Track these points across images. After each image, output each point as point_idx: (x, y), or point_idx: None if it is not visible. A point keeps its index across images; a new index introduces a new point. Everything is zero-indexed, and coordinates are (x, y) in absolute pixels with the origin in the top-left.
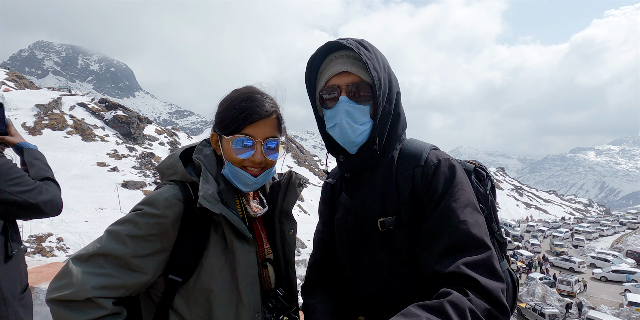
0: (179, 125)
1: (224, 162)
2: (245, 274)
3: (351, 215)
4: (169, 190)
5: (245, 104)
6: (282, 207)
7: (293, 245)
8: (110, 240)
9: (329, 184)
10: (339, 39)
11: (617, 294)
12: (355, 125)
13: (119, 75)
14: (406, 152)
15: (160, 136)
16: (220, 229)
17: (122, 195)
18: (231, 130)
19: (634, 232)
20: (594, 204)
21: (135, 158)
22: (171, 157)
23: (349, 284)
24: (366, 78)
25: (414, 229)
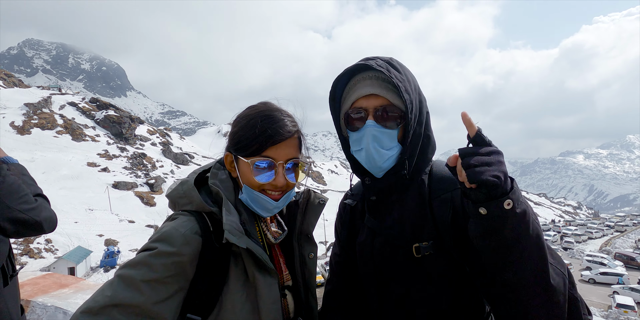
0: (172, 125)
1: (241, 186)
2: (268, 309)
3: (378, 239)
4: (185, 224)
5: (266, 124)
6: (301, 229)
7: (314, 270)
8: (123, 288)
9: (349, 206)
10: (367, 59)
11: (605, 296)
12: (383, 150)
13: (110, 75)
14: (439, 175)
15: (153, 136)
16: (240, 261)
17: (112, 196)
18: (250, 151)
19: (622, 234)
20: (583, 206)
21: (126, 158)
22: (184, 184)
23: (375, 313)
24: (395, 101)
25: (452, 255)
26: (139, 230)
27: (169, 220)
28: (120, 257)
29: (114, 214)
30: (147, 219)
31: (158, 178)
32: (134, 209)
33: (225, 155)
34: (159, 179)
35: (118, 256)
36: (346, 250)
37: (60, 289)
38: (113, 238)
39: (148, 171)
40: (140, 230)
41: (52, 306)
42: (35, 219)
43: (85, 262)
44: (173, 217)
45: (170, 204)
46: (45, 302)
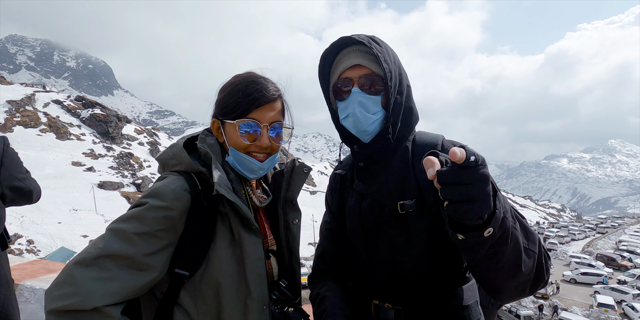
0: (160, 125)
1: (227, 151)
2: (253, 266)
3: (366, 201)
4: (175, 181)
5: (251, 88)
6: (286, 196)
7: (298, 236)
8: (115, 240)
9: (339, 175)
10: (352, 34)
11: (587, 295)
12: (368, 114)
13: (97, 73)
14: (421, 141)
15: (140, 136)
16: (227, 220)
17: (98, 196)
18: (236, 114)
19: (603, 236)
20: (567, 209)
21: (112, 158)
22: (173, 146)
23: (363, 270)
24: (377, 71)
25: (433, 211)
26: None
27: (159, 180)
28: None
29: (99, 214)
30: None
31: (145, 178)
32: (120, 209)
33: (212, 121)
34: (146, 179)
35: None
36: (336, 217)
37: (49, 273)
38: None
39: (135, 171)
40: None
41: (40, 289)
42: (29, 188)
43: None
44: (162, 177)
45: (159, 166)
46: (33, 286)
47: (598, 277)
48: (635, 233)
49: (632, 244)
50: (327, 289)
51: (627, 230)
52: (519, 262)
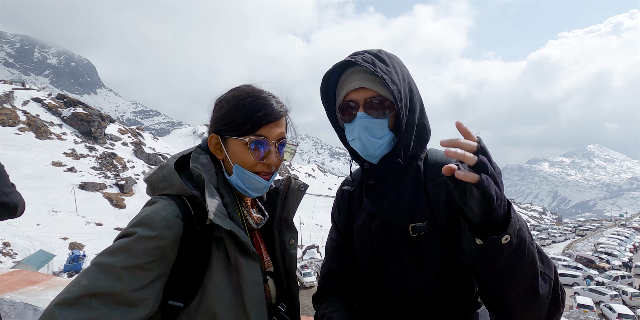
0: (145, 125)
1: (224, 169)
2: (252, 292)
3: (376, 221)
4: (166, 208)
5: (259, 103)
6: (282, 216)
7: (295, 256)
8: (101, 275)
9: (347, 192)
10: (354, 54)
11: (567, 297)
12: (374, 139)
13: (79, 71)
14: (433, 160)
15: (124, 136)
16: (222, 245)
17: (79, 198)
18: (244, 130)
19: (583, 238)
20: (548, 212)
21: (95, 158)
22: (163, 167)
23: (372, 292)
24: (383, 92)
25: (446, 235)
26: (107, 233)
27: (148, 205)
28: (85, 262)
29: (80, 216)
30: (116, 221)
31: (129, 179)
32: (102, 211)
33: (209, 137)
34: (129, 180)
35: (84, 260)
36: (343, 235)
37: (30, 285)
38: (79, 241)
39: (118, 172)
40: (108, 233)
41: (20, 303)
42: (14, 202)
43: (48, 266)
44: (152, 201)
45: (148, 189)
46: (13, 299)
47: (574, 278)
48: (613, 235)
49: (609, 246)
50: (334, 310)
51: (604, 232)
52: (535, 284)
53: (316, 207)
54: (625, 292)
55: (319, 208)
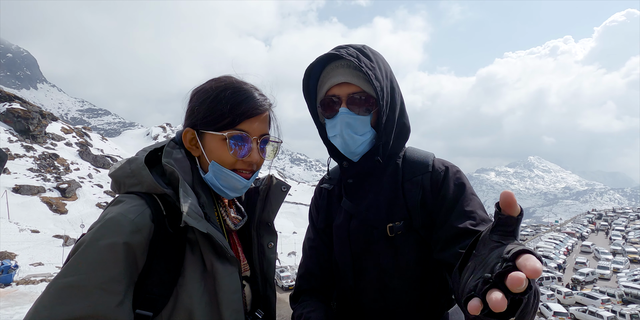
0: (92, 124)
1: (200, 166)
2: (229, 300)
3: (354, 220)
4: (134, 208)
5: (240, 95)
6: (261, 217)
7: (273, 261)
8: (68, 299)
9: (325, 190)
10: (339, 48)
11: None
12: (356, 136)
13: (17, 63)
14: (411, 160)
15: (68, 136)
16: (197, 249)
17: (12, 202)
18: (223, 125)
19: (524, 242)
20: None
21: (33, 159)
22: (132, 162)
23: (350, 292)
24: (367, 88)
25: (422, 234)
26: (44, 241)
27: (113, 204)
28: (18, 273)
29: (12, 222)
30: (56, 228)
31: (72, 182)
32: (40, 216)
33: (184, 131)
34: (72, 183)
35: (15, 271)
36: (320, 235)
37: None
38: (10, 250)
39: (60, 174)
40: (45, 241)
41: None
42: None
43: None
44: (118, 200)
45: (113, 184)
46: None
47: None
48: (549, 240)
49: (546, 249)
50: (311, 310)
51: (542, 237)
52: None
53: None
54: (560, 292)
55: (279, 214)
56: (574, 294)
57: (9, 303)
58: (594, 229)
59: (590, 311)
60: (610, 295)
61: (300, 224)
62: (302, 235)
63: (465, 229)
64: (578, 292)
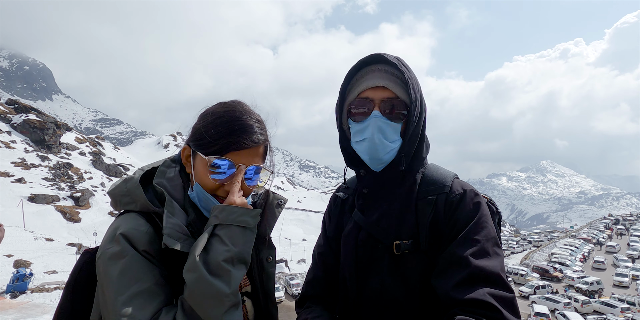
0: (105, 134)
1: (192, 183)
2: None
3: (362, 232)
4: (141, 225)
5: (235, 125)
6: (259, 232)
7: (273, 275)
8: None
9: (340, 198)
10: (382, 53)
11: (525, 306)
12: (386, 142)
13: (34, 75)
14: (430, 177)
15: (82, 145)
16: None
17: (28, 211)
18: (211, 151)
19: (538, 249)
20: (506, 224)
21: (48, 168)
22: (128, 181)
23: (352, 304)
24: (402, 96)
25: (429, 256)
26: (59, 249)
27: (121, 220)
28: (32, 281)
29: (28, 231)
30: (70, 236)
31: (85, 191)
32: (54, 225)
33: (183, 147)
34: (86, 192)
35: (30, 279)
36: (330, 242)
37: None
38: (25, 258)
39: (74, 183)
40: (59, 249)
41: None
42: None
43: None
44: (125, 217)
45: (112, 202)
46: None
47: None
48: (565, 246)
49: (562, 256)
50: (316, 316)
51: (557, 243)
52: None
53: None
54: (577, 300)
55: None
56: (592, 302)
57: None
58: (610, 234)
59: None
60: (630, 304)
61: (309, 231)
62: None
63: (463, 258)
64: (596, 300)
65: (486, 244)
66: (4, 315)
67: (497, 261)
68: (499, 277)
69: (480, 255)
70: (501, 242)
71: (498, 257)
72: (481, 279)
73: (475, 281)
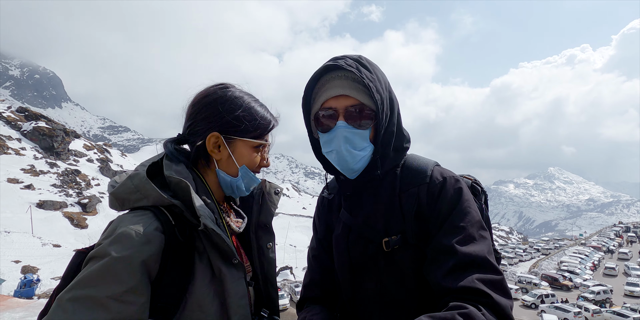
0: (112, 141)
1: (219, 169)
2: (237, 305)
3: (352, 233)
4: (143, 221)
5: (266, 112)
6: (259, 220)
7: (273, 261)
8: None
9: (326, 199)
10: (336, 59)
11: (535, 315)
12: (355, 151)
13: (44, 83)
14: (410, 169)
15: (90, 152)
16: (205, 256)
17: (36, 217)
18: (255, 135)
19: (547, 257)
20: (514, 231)
21: (56, 175)
22: (133, 178)
23: (350, 305)
24: (366, 101)
25: (419, 248)
26: (66, 255)
27: (121, 219)
28: (40, 286)
29: (36, 237)
30: (77, 242)
31: (93, 197)
32: (62, 231)
33: (209, 135)
34: (93, 198)
35: (37, 285)
36: (322, 244)
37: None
38: (33, 264)
39: (81, 190)
40: (66, 255)
41: None
42: None
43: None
44: (125, 215)
45: (115, 202)
46: None
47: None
48: (574, 254)
49: (571, 264)
50: (315, 313)
51: (566, 251)
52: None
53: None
54: (588, 309)
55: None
56: (603, 312)
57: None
58: (621, 242)
59: None
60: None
61: None
62: None
63: (450, 247)
64: (607, 309)
65: (471, 229)
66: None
67: (484, 244)
68: (486, 260)
69: (466, 241)
70: (489, 223)
71: (484, 241)
72: (469, 265)
73: (464, 268)
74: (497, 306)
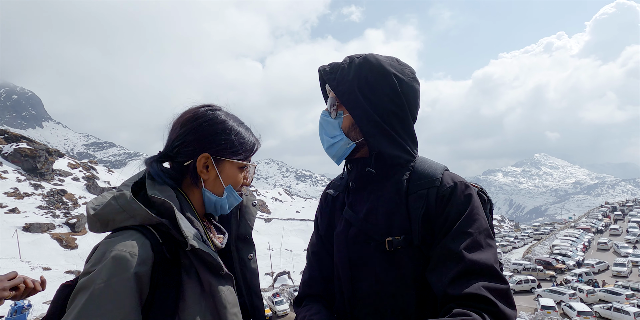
0: (98, 158)
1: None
2: (230, 315)
3: (353, 229)
4: (135, 242)
5: (252, 134)
6: (238, 233)
7: (255, 271)
8: None
9: (330, 196)
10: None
11: (532, 300)
12: (326, 137)
13: (22, 104)
14: (420, 171)
15: (75, 171)
16: (192, 271)
17: (23, 241)
18: (241, 157)
19: (539, 242)
20: (506, 219)
21: (41, 196)
22: (118, 198)
23: (348, 302)
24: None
25: (421, 251)
26: (57, 277)
27: (109, 241)
28: (31, 312)
29: (24, 261)
30: (67, 264)
31: (81, 217)
32: (51, 253)
33: (200, 156)
34: (82, 217)
35: (29, 311)
36: (323, 241)
37: None
38: None
39: (68, 210)
40: (58, 277)
41: None
42: None
43: None
44: (114, 236)
45: (97, 224)
46: None
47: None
48: (565, 237)
49: (563, 247)
50: (314, 313)
51: (557, 235)
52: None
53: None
54: (582, 290)
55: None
56: (597, 291)
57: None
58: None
59: (615, 308)
60: (634, 290)
61: None
62: None
63: (456, 253)
64: (601, 288)
65: (478, 236)
66: None
67: (491, 253)
68: (493, 269)
69: (474, 248)
70: (494, 232)
71: (491, 249)
72: (476, 272)
73: (470, 275)
74: (502, 315)
